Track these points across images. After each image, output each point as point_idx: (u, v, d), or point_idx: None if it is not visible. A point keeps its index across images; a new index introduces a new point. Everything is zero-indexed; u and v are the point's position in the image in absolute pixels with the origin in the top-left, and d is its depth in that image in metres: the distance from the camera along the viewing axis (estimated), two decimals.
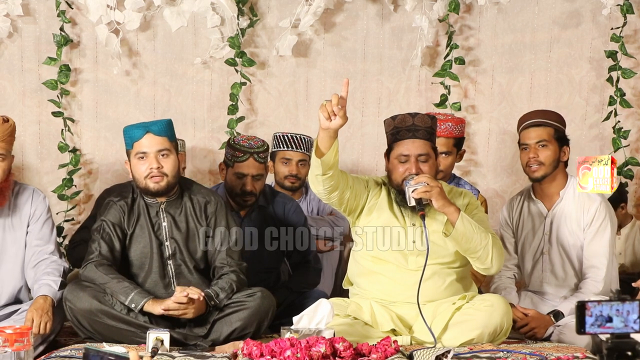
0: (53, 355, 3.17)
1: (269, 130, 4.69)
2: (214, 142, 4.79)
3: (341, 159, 3.38)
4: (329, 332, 3.19)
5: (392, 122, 3.55)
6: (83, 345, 3.06)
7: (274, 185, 4.44)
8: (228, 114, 4.74)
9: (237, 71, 4.72)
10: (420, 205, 3.38)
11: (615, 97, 4.74)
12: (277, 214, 4.12)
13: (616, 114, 4.75)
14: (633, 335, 2.09)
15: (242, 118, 4.76)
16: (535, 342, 3.68)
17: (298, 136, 4.43)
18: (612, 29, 4.73)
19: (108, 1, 4.57)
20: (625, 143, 4.75)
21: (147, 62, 4.77)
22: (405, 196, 3.42)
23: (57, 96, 4.66)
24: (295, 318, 3.28)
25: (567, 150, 3.98)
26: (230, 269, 3.54)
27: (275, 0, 4.76)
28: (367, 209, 3.57)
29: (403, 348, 3.27)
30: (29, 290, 3.65)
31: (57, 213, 4.62)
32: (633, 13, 4.69)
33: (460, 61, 4.75)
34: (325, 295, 3.91)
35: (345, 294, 3.80)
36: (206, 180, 4.74)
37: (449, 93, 4.77)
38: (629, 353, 2.06)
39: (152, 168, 3.48)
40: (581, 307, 2.08)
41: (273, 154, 4.43)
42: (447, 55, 4.76)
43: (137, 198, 3.60)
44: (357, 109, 4.82)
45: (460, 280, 3.59)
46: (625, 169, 4.76)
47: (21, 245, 3.66)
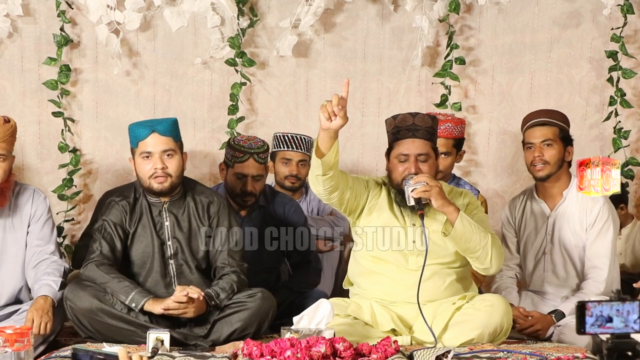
0: (53, 355, 3.17)
1: (269, 131, 4.69)
2: (214, 142, 4.78)
3: (341, 159, 3.38)
4: (329, 332, 3.19)
5: (393, 121, 3.55)
6: (80, 346, 3.06)
7: (274, 185, 4.44)
8: (228, 114, 4.74)
9: (237, 71, 4.72)
10: (419, 205, 3.38)
11: (616, 97, 4.74)
12: (277, 214, 4.12)
13: (617, 114, 4.75)
14: (633, 336, 2.09)
15: (242, 118, 4.75)
16: (535, 342, 3.68)
17: (298, 136, 4.43)
18: (613, 29, 4.73)
19: (108, 1, 4.57)
20: (625, 143, 4.75)
21: (147, 62, 4.77)
22: (404, 196, 3.42)
23: (57, 96, 4.66)
24: (295, 318, 3.28)
25: (571, 150, 3.98)
26: (231, 269, 3.55)
27: (275, 0, 4.76)
28: (367, 209, 3.56)
29: (403, 348, 3.27)
30: (30, 290, 3.65)
31: (57, 213, 4.62)
32: (633, 13, 4.69)
33: (461, 61, 4.75)
34: (325, 296, 3.91)
35: (345, 294, 3.80)
36: (206, 180, 4.74)
37: (449, 93, 4.77)
38: (629, 353, 2.06)
39: (157, 168, 3.49)
40: (581, 307, 2.08)
41: (273, 154, 4.43)
42: (448, 55, 4.76)
43: (140, 197, 3.61)
44: (357, 109, 4.82)
45: (461, 281, 3.59)
46: (626, 169, 4.76)
47: (22, 246, 3.66)
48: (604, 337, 2.11)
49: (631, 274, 4.51)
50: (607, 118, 4.77)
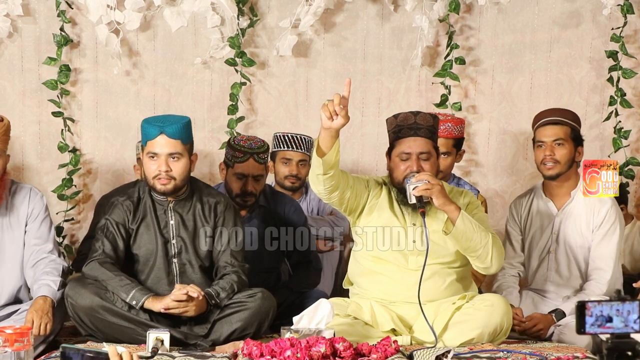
0: (53, 355, 3.17)
1: (269, 130, 4.69)
2: (214, 142, 4.78)
3: (341, 159, 3.38)
4: (329, 332, 3.19)
5: (394, 120, 3.55)
6: (82, 345, 3.06)
7: (274, 185, 4.44)
8: (228, 114, 4.74)
9: (237, 71, 4.72)
10: (420, 203, 3.38)
11: (616, 97, 4.73)
12: (278, 214, 4.12)
13: (617, 114, 4.75)
14: (633, 335, 2.09)
15: (242, 118, 4.75)
16: (535, 342, 3.68)
17: (298, 136, 4.43)
18: (613, 29, 4.72)
19: (108, 1, 4.57)
20: (625, 143, 4.75)
21: (147, 62, 4.77)
22: (406, 194, 3.42)
23: (57, 96, 4.66)
24: (295, 318, 3.28)
25: (581, 151, 3.98)
26: (232, 270, 3.55)
27: (275, 0, 4.76)
28: (368, 209, 3.56)
29: (403, 348, 3.27)
30: (29, 289, 3.65)
31: (56, 213, 4.63)
32: (633, 13, 4.68)
33: (461, 61, 4.75)
34: (325, 295, 3.90)
35: (345, 293, 3.80)
36: (205, 180, 4.72)
37: (449, 93, 4.77)
38: (629, 353, 2.06)
39: (161, 170, 3.49)
40: (581, 307, 2.07)
41: (273, 154, 4.43)
42: (448, 55, 4.76)
43: (144, 196, 3.61)
44: (357, 109, 4.82)
45: (461, 280, 3.59)
46: (626, 169, 4.76)
47: (19, 245, 3.65)
48: (603, 337, 2.10)
49: (630, 274, 4.51)
50: (607, 118, 4.76)
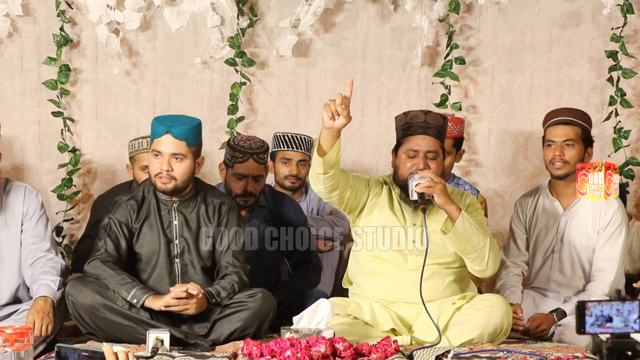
0: (53, 354, 3.16)
1: (269, 130, 4.69)
2: (214, 142, 4.78)
3: (341, 159, 3.38)
4: (329, 332, 3.19)
5: (404, 117, 3.56)
6: (83, 345, 3.05)
7: (274, 185, 4.44)
8: (228, 114, 4.74)
9: (237, 71, 4.72)
10: (422, 200, 3.38)
11: (616, 97, 4.73)
12: (278, 214, 4.11)
13: (617, 114, 4.75)
14: (633, 335, 2.09)
15: (242, 118, 4.75)
16: (535, 342, 3.68)
17: (298, 136, 4.43)
18: (613, 29, 4.72)
19: (108, 1, 4.57)
20: (625, 143, 4.74)
21: (147, 62, 4.77)
22: (408, 191, 3.42)
23: (57, 96, 4.66)
24: (295, 318, 3.28)
25: (591, 152, 3.98)
26: (234, 270, 3.55)
27: (275, 0, 4.76)
28: (368, 208, 3.57)
29: (403, 348, 3.27)
30: (28, 289, 3.65)
31: (56, 213, 4.63)
32: (633, 13, 4.68)
33: (461, 61, 4.75)
34: (325, 295, 3.90)
35: (345, 293, 3.80)
36: (205, 180, 4.72)
37: (449, 93, 4.77)
38: (629, 353, 2.06)
39: (162, 169, 3.50)
40: (581, 307, 2.07)
41: (273, 154, 4.42)
42: (448, 55, 4.76)
43: (149, 196, 3.62)
44: (357, 109, 4.82)
45: (459, 281, 3.59)
46: (626, 169, 4.76)
47: (16, 244, 3.64)
48: (603, 337, 2.10)
49: (629, 274, 4.50)
50: (607, 118, 4.76)
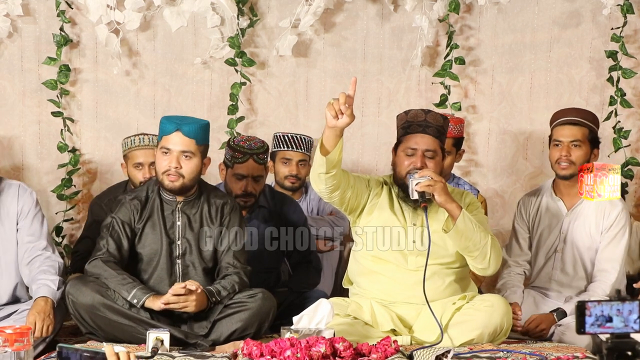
0: (53, 355, 3.17)
1: (269, 130, 4.69)
2: (214, 142, 4.75)
3: (342, 159, 3.39)
4: (329, 332, 3.19)
5: (405, 116, 3.56)
6: (83, 345, 3.06)
7: (274, 185, 4.44)
8: (228, 114, 4.74)
9: (237, 71, 4.72)
10: (422, 198, 3.38)
11: (616, 97, 4.73)
12: (277, 214, 4.12)
13: (617, 114, 4.74)
14: (633, 335, 2.09)
15: (242, 118, 4.75)
16: (535, 342, 3.68)
17: (298, 136, 4.43)
18: (612, 29, 4.72)
19: (108, 1, 4.57)
20: (625, 143, 4.74)
21: (147, 62, 4.77)
22: (407, 190, 3.42)
23: (57, 96, 4.66)
24: (295, 318, 3.28)
25: (597, 153, 3.97)
26: (234, 270, 3.55)
27: (275, 0, 4.76)
28: (368, 208, 3.57)
29: (403, 348, 3.27)
30: (27, 288, 3.64)
31: (56, 213, 4.64)
32: (633, 13, 4.68)
33: (461, 61, 4.75)
34: (325, 295, 3.90)
35: (345, 293, 3.80)
36: (205, 180, 4.73)
37: (449, 93, 4.77)
38: (629, 353, 2.06)
39: (171, 166, 3.50)
40: (581, 307, 2.07)
41: (273, 154, 4.43)
42: (447, 55, 4.76)
43: (152, 196, 3.62)
44: (357, 109, 4.76)
45: (459, 281, 3.59)
46: (626, 169, 4.76)
47: (12, 242, 3.63)
48: (603, 337, 2.10)
49: (629, 275, 4.50)
50: (607, 118, 4.76)
